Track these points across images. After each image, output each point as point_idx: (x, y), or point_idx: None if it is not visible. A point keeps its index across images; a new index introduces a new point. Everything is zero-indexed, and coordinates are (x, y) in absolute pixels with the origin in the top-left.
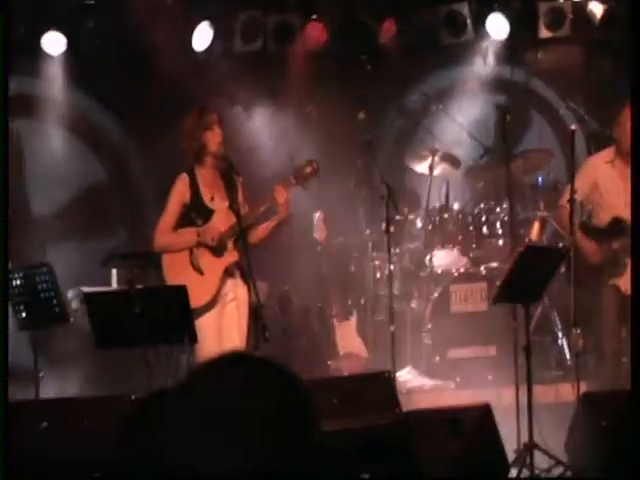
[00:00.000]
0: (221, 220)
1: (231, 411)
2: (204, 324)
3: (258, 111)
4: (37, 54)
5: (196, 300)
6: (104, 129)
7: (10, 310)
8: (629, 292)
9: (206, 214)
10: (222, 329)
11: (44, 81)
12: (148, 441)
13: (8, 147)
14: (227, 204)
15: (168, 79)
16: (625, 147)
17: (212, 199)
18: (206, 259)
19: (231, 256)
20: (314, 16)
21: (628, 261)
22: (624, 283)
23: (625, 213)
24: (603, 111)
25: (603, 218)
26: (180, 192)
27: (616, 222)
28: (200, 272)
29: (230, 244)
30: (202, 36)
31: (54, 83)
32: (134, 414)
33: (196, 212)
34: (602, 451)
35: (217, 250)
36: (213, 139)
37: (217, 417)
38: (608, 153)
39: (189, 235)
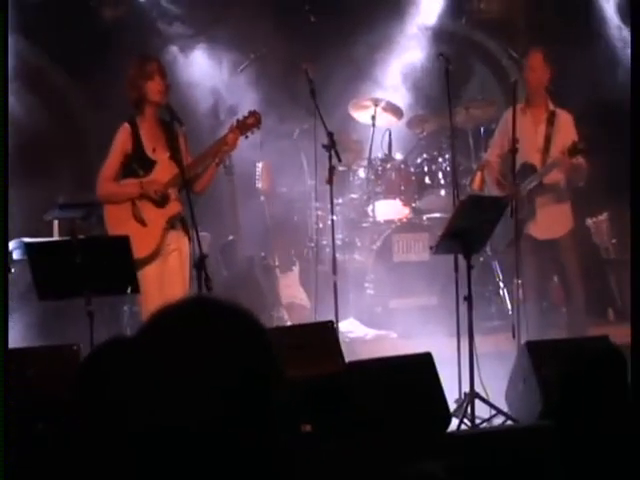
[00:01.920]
0: (163, 171)
1: (193, 359)
2: (147, 275)
3: (200, 59)
4: None
5: (139, 251)
6: (48, 76)
7: None
8: (541, 237)
9: (148, 165)
10: (164, 280)
11: None
12: (103, 392)
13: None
14: (169, 155)
15: (110, 25)
16: (529, 87)
17: (154, 150)
18: (148, 210)
19: (174, 207)
20: None
21: (537, 207)
22: (535, 229)
23: (534, 158)
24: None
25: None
26: (122, 141)
27: (523, 167)
28: (143, 223)
29: (173, 195)
30: None
31: None
32: (89, 364)
33: (137, 163)
34: (541, 400)
35: (159, 201)
36: (154, 88)
37: (178, 366)
38: (519, 104)
39: (132, 187)
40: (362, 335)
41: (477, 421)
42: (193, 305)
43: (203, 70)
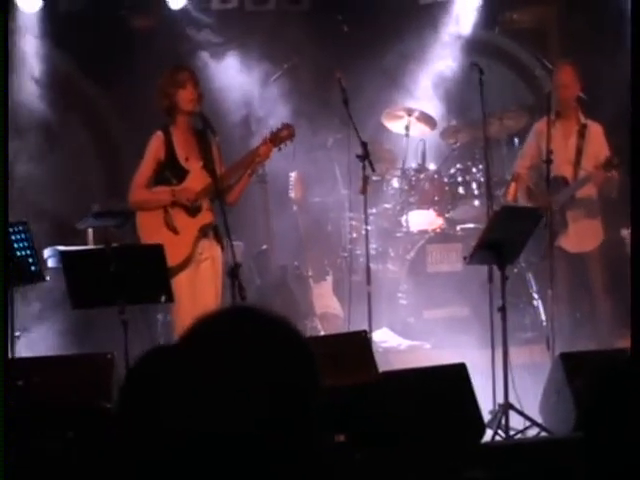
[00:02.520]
0: (196, 180)
1: (234, 368)
2: (179, 283)
3: (233, 69)
4: (12, 10)
5: (171, 259)
6: (79, 85)
7: None
8: (573, 251)
9: (181, 174)
10: (197, 288)
11: (20, 38)
12: (147, 400)
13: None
14: (202, 164)
15: (145, 36)
16: (559, 101)
17: (187, 159)
18: (181, 219)
19: (206, 216)
20: None
21: (569, 220)
22: (566, 242)
23: (565, 171)
24: (581, 72)
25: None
26: (155, 149)
27: (554, 180)
28: (175, 231)
29: (205, 204)
30: None
31: (30, 40)
32: (133, 372)
33: (170, 171)
34: (575, 411)
35: (192, 210)
36: (185, 97)
37: (219, 374)
38: (551, 116)
39: (164, 194)
40: (396, 345)
41: (511, 432)
42: (234, 314)
43: (234, 79)
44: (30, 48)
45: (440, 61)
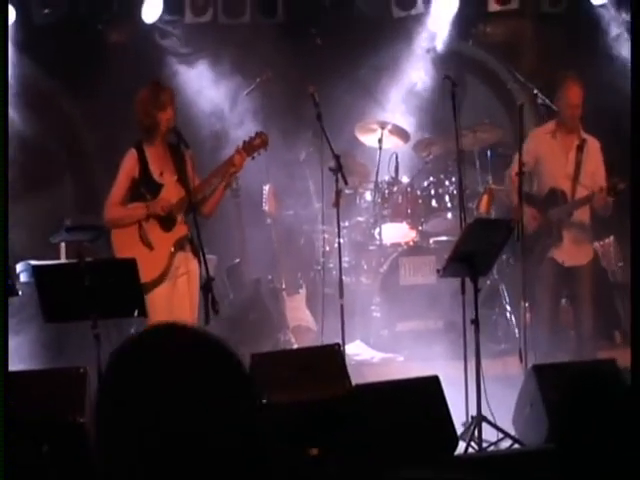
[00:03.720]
0: (170, 194)
1: (165, 384)
2: (156, 298)
3: (206, 83)
4: None
5: (146, 275)
6: (55, 100)
7: None
8: (566, 264)
9: (155, 189)
10: (174, 303)
11: None
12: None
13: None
14: (176, 178)
15: (118, 49)
16: (566, 118)
17: (161, 174)
18: (156, 234)
19: (180, 230)
20: None
21: (565, 233)
22: (560, 255)
23: (563, 184)
24: (552, 84)
25: (544, 188)
26: (129, 167)
27: (553, 192)
28: (150, 247)
29: (179, 218)
30: (151, 8)
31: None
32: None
33: (145, 187)
34: (548, 423)
35: (166, 224)
36: (166, 118)
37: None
38: (550, 125)
39: (139, 209)
40: (369, 358)
41: (484, 444)
42: (162, 335)
43: (206, 91)
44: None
45: (413, 74)
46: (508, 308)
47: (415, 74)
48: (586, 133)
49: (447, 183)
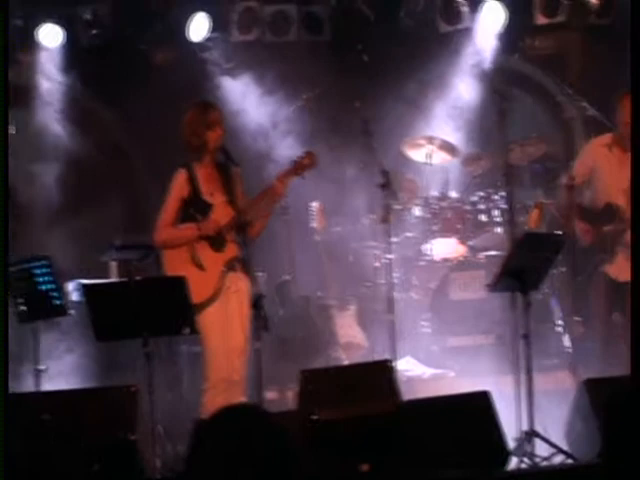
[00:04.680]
0: (220, 214)
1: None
2: (208, 317)
3: (255, 102)
4: (34, 46)
5: (198, 295)
6: (102, 120)
7: (10, 303)
8: (620, 279)
9: (205, 209)
10: (226, 321)
11: (42, 73)
12: None
13: (8, 146)
14: (225, 199)
15: (163, 68)
16: (623, 133)
17: (211, 194)
18: (206, 254)
19: (231, 250)
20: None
21: (619, 248)
22: (613, 270)
23: (619, 199)
24: (601, 97)
25: (599, 203)
26: (179, 188)
27: (608, 207)
28: (201, 267)
29: (229, 238)
30: (199, 27)
31: (53, 75)
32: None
33: (195, 207)
34: (602, 438)
35: (217, 244)
36: (214, 138)
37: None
38: (607, 138)
39: (189, 230)
40: (419, 374)
41: (537, 460)
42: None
43: (255, 109)
44: (52, 82)
45: (461, 88)
46: (559, 322)
47: (462, 88)
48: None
49: (496, 197)
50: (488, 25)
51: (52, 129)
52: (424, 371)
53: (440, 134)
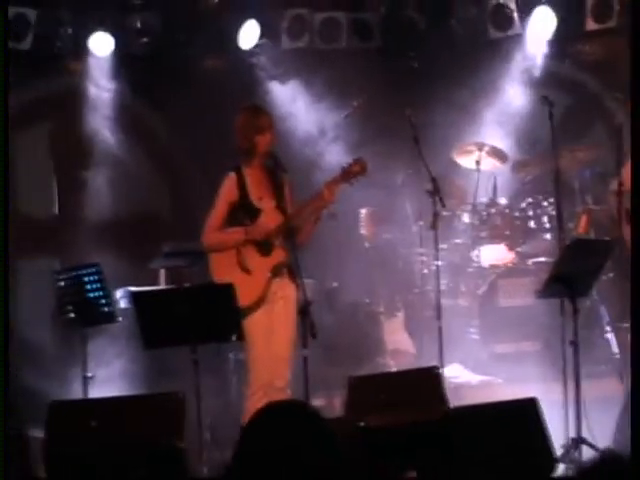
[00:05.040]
0: (269, 219)
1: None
2: (253, 323)
3: (305, 109)
4: (84, 54)
5: (244, 299)
6: (153, 127)
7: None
8: None
9: (254, 213)
10: (272, 327)
11: (92, 81)
12: None
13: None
14: (275, 204)
15: (215, 77)
16: None
17: (260, 199)
18: (253, 259)
19: (278, 255)
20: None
21: None
22: None
23: None
24: None
25: None
26: (228, 191)
27: None
28: (247, 272)
29: (277, 243)
30: (249, 34)
31: (103, 83)
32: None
33: (244, 211)
34: None
35: (264, 249)
36: (264, 142)
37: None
38: None
39: (237, 234)
40: (467, 381)
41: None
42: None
43: (305, 115)
44: (102, 90)
45: (511, 94)
46: (608, 329)
47: (512, 95)
48: None
49: (545, 204)
50: (538, 31)
51: (102, 136)
52: (472, 378)
53: (490, 140)
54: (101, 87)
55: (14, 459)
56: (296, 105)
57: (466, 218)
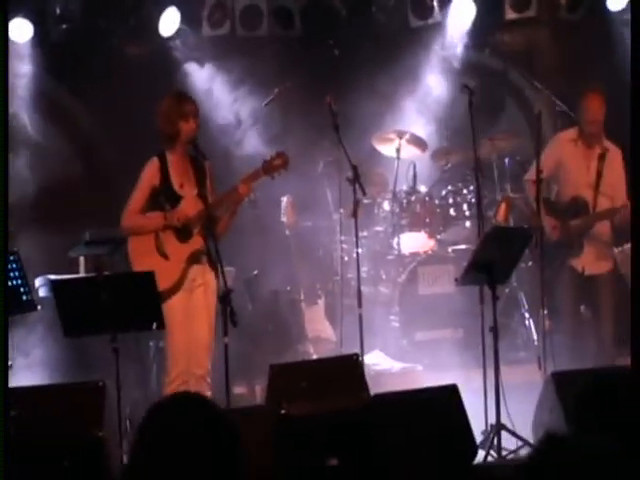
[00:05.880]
0: (189, 206)
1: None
2: (171, 309)
3: (224, 95)
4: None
5: (160, 284)
6: (73, 114)
7: None
8: (586, 273)
9: (174, 200)
10: (190, 315)
11: (12, 68)
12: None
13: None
14: (196, 191)
15: (135, 62)
16: (587, 130)
17: (181, 186)
18: (171, 244)
19: (196, 242)
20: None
21: (585, 244)
22: (580, 264)
23: (585, 193)
24: (570, 92)
25: (565, 197)
26: (150, 175)
27: (575, 201)
28: (165, 257)
29: (196, 230)
30: (169, 21)
31: (22, 70)
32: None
33: (165, 197)
34: (568, 431)
35: (183, 236)
36: (188, 128)
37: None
38: (573, 132)
39: (156, 218)
40: (388, 368)
41: (504, 453)
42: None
43: (224, 103)
44: (21, 77)
45: (431, 83)
46: (527, 316)
47: (433, 83)
48: (608, 140)
49: (465, 192)
50: (458, 20)
51: (21, 123)
52: (392, 365)
53: (410, 128)
54: (20, 75)
55: None
56: (215, 92)
57: (386, 206)
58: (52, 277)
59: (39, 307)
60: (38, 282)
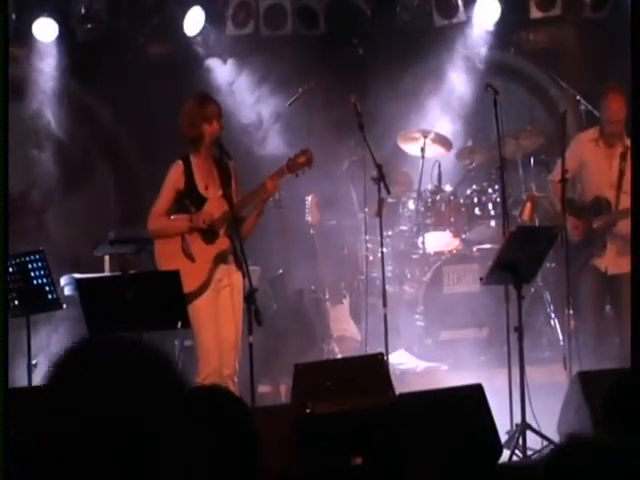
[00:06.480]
0: (214, 208)
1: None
2: (199, 310)
3: (247, 94)
4: (29, 41)
5: (187, 286)
6: (98, 113)
7: None
8: (610, 272)
9: (199, 202)
10: (218, 314)
11: (37, 67)
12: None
13: (8, 144)
14: (220, 193)
15: (160, 61)
16: (609, 130)
17: (206, 188)
18: (197, 246)
19: (222, 243)
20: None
21: (608, 242)
22: (603, 263)
23: (607, 192)
24: (594, 91)
25: (587, 196)
26: (175, 179)
27: (597, 201)
28: (191, 259)
29: (222, 231)
30: (193, 21)
31: (46, 68)
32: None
33: (190, 199)
34: (594, 431)
35: (209, 237)
36: (211, 131)
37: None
38: (594, 132)
39: (182, 221)
40: (413, 367)
41: (529, 452)
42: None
43: (249, 102)
44: (45, 75)
45: (456, 82)
46: (552, 315)
47: (457, 82)
48: (630, 139)
49: (490, 191)
50: (483, 19)
51: (46, 124)
52: (417, 364)
53: (435, 127)
54: (45, 73)
55: None
56: (237, 91)
57: (411, 205)
58: (77, 276)
59: (64, 306)
60: (63, 281)
